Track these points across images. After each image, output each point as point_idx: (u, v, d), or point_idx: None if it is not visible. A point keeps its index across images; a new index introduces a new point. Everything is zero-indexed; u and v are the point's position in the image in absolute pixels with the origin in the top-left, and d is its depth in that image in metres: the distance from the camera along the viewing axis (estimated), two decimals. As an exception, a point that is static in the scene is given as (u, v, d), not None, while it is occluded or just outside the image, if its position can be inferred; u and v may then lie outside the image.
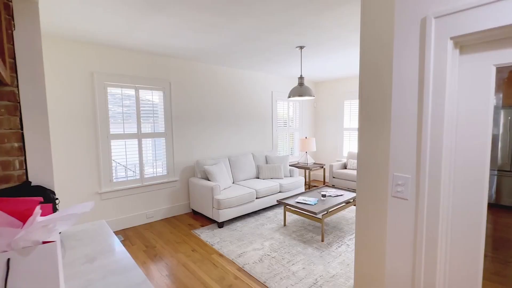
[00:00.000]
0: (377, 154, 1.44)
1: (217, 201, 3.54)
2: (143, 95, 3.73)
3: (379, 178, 1.44)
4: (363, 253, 1.55)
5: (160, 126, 3.93)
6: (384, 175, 1.40)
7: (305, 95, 3.35)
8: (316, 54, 3.82)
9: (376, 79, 1.40)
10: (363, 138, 1.51)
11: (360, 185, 1.54)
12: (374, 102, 1.43)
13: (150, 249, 3.05)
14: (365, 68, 1.46)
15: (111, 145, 3.49)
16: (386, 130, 1.38)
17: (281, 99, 5.69)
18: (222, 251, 2.98)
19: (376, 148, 1.45)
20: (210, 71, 4.43)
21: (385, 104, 1.37)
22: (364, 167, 1.50)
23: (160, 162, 3.99)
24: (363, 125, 1.49)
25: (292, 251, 2.96)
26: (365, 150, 1.50)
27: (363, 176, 1.51)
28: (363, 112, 1.49)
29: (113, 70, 3.45)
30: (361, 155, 1.52)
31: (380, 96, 1.39)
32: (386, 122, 1.38)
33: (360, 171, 1.54)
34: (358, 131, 1.57)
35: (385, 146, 1.40)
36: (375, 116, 1.44)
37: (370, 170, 1.48)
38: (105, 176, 3.44)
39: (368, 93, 1.45)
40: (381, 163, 1.42)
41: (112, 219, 3.53)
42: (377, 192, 1.46)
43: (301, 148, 5.43)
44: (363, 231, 1.54)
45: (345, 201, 3.51)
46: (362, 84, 1.47)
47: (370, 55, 1.42)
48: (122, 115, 3.55)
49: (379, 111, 1.41)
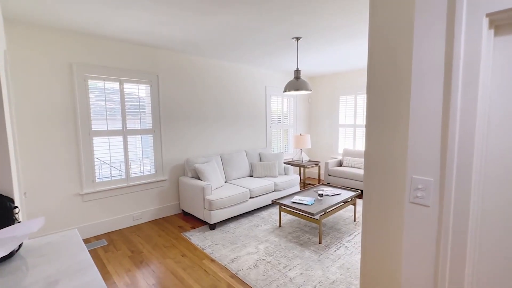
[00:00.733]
0: (389, 154, 1.27)
1: (208, 201, 3.33)
2: (128, 89, 3.48)
3: (391, 180, 1.27)
4: (370, 263, 1.38)
5: (147, 122, 3.68)
6: (398, 177, 1.24)
7: (302, 89, 3.17)
8: (313, 46, 3.63)
9: (389, 68, 1.23)
10: (372, 136, 1.33)
11: (368, 188, 1.37)
12: (386, 95, 1.25)
13: (136, 255, 2.83)
14: (375, 56, 1.27)
15: (94, 142, 3.23)
16: (402, 126, 1.21)
17: (275, 94, 5.49)
18: (214, 255, 2.79)
19: (387, 147, 1.28)
20: (201, 64, 4.19)
21: (401, 97, 1.20)
22: (373, 168, 1.33)
23: (148, 160, 3.75)
24: (372, 121, 1.32)
25: (289, 254, 2.79)
26: (374, 149, 1.32)
27: (372, 178, 1.34)
28: (372, 106, 1.31)
29: (94, 61, 3.18)
30: (369, 155, 1.34)
31: (394, 87, 1.22)
32: (401, 117, 1.21)
33: (368, 172, 1.36)
34: (366, 128, 1.39)
35: (399, 144, 1.22)
36: (387, 111, 1.26)
37: (381, 172, 1.31)
38: (87, 176, 3.19)
39: (379, 85, 1.27)
40: (394, 163, 1.25)
41: (95, 222, 3.29)
42: (388, 196, 1.29)
43: (296, 145, 5.26)
44: (371, 238, 1.37)
45: (343, 200, 3.36)
46: (371, 75, 1.29)
47: (381, 39, 1.24)
48: (105, 110, 3.29)
49: (393, 104, 1.23)
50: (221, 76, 4.49)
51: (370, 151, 1.35)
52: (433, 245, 1.06)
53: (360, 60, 4.47)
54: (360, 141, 5.54)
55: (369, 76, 1.32)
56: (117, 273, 2.49)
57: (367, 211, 1.39)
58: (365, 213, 1.42)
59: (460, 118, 0.96)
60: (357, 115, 5.53)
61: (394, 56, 1.21)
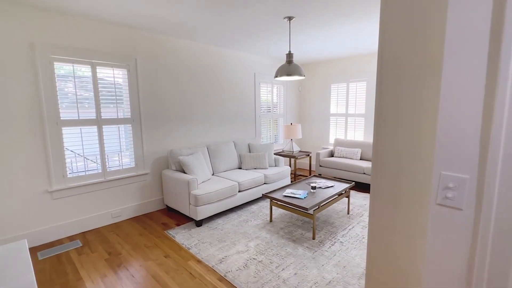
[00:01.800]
0: (404, 147, 1.06)
1: (194, 197, 3.08)
2: (102, 74, 3.12)
3: (406, 177, 1.07)
4: (378, 270, 1.19)
5: (125, 110, 3.34)
6: (415, 174, 1.03)
7: (295, 74, 2.92)
8: (307, 28, 3.36)
9: (409, 39, 1.00)
10: (382, 127, 1.11)
11: (377, 186, 1.16)
12: (405, 72, 1.03)
13: (113, 257, 2.56)
14: (390, 23, 1.04)
15: (63, 133, 2.88)
16: (423, 115, 0.99)
17: (264, 81, 5.22)
18: (200, 255, 2.56)
19: (403, 139, 1.07)
20: (184, 47, 3.84)
21: (422, 80, 0.98)
22: (383, 163, 1.12)
23: (128, 152, 3.44)
24: (384, 110, 1.10)
25: (281, 252, 2.61)
26: (385, 142, 1.11)
27: (381, 174, 1.13)
28: (384, 93, 1.09)
29: (61, 41, 2.80)
30: (378, 149, 1.13)
31: (416, 63, 0.99)
32: (422, 103, 0.99)
33: (377, 168, 1.15)
34: (375, 119, 1.18)
35: (418, 135, 1.01)
36: (404, 97, 1.04)
37: (393, 167, 1.10)
38: (56, 171, 2.85)
39: (394, 68, 1.05)
40: (409, 158, 1.04)
41: (68, 222, 2.98)
42: (401, 195, 1.09)
43: (286, 135, 5.05)
44: (379, 239, 1.18)
45: (337, 193, 3.19)
46: (384, 47, 1.06)
47: (400, 8, 1.01)
48: (76, 97, 2.94)
49: (412, 89, 1.01)
50: (207, 61, 4.16)
51: (379, 144, 1.13)
52: (465, 258, 0.86)
53: (357, 45, 4.24)
54: (352, 131, 5.39)
55: (380, 52, 1.08)
56: (91, 279, 2.23)
57: (375, 210, 1.20)
58: (372, 213, 1.23)
59: (510, 97, 0.75)
60: (349, 104, 5.36)
61: (416, 24, 0.98)
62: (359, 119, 5.24)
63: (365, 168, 4.40)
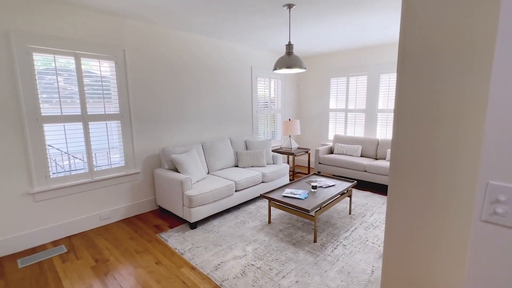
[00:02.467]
0: (436, 145, 0.89)
1: (188, 197, 2.90)
2: (87, 66, 2.89)
3: (432, 181, 0.89)
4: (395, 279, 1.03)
5: (113, 106, 3.12)
6: (453, 179, 0.86)
7: (295, 67, 2.72)
8: (307, 17, 3.16)
9: (443, 23, 0.81)
10: (404, 124, 0.94)
11: (397, 189, 0.99)
12: (437, 63, 0.85)
13: (100, 264, 2.37)
14: (416, 4, 0.86)
15: (45, 130, 2.66)
16: (466, 106, 0.81)
17: (261, 75, 5.01)
18: (194, 262, 2.39)
19: (434, 136, 0.89)
20: (177, 39, 3.61)
21: (464, 65, 0.80)
22: (406, 163, 0.95)
23: (117, 151, 3.22)
24: (410, 100, 0.92)
25: (281, 257, 2.45)
26: (410, 138, 0.94)
27: (402, 177, 0.96)
28: (409, 80, 0.91)
29: (40, 29, 2.56)
30: (398, 149, 0.96)
31: (453, 52, 0.81)
32: (464, 94, 0.81)
33: (397, 168, 0.98)
34: (395, 110, 1.00)
35: (457, 132, 0.83)
36: (437, 87, 0.86)
37: (420, 168, 0.93)
38: (38, 172, 2.64)
39: (422, 49, 0.86)
40: (443, 159, 0.87)
41: (52, 226, 2.77)
42: (432, 200, 0.91)
43: (284, 132, 4.87)
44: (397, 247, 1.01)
45: (339, 193, 3.03)
46: (408, 34, 0.88)
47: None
48: (58, 91, 2.71)
49: (449, 77, 0.83)
50: (201, 54, 3.94)
51: (401, 144, 0.96)
52: (519, 287, 0.70)
53: (359, 37, 4.05)
54: (352, 127, 5.23)
55: (403, 46, 0.90)
56: (74, 291, 2.04)
57: (393, 215, 1.03)
58: (390, 217, 1.06)
59: None
60: (349, 99, 5.18)
61: (454, 9, 0.79)
62: (359, 114, 5.08)
63: (366, 166, 4.25)
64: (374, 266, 2.29)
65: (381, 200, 3.84)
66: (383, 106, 4.76)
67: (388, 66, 4.57)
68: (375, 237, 2.78)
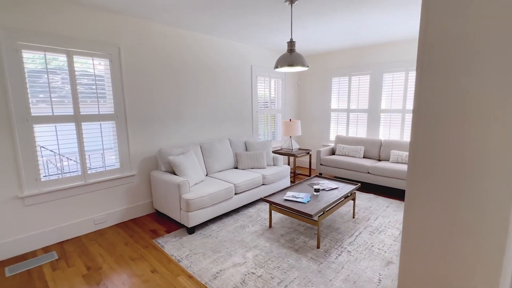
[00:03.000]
0: (464, 147, 0.77)
1: (185, 201, 2.78)
2: (80, 64, 2.77)
3: (466, 185, 0.78)
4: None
5: (107, 106, 3.00)
6: (482, 183, 0.74)
7: (297, 65, 2.61)
8: (309, 13, 3.04)
9: (475, 13, 0.70)
10: (423, 126, 0.83)
11: (415, 192, 0.88)
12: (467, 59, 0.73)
13: (93, 273, 2.25)
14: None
15: (35, 131, 2.54)
16: (494, 102, 0.70)
17: (261, 74, 4.89)
18: (192, 269, 2.27)
19: (462, 137, 0.78)
20: (175, 36, 3.49)
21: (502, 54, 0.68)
22: (428, 165, 0.84)
23: (112, 152, 3.10)
24: (429, 108, 0.81)
25: (283, 264, 2.33)
26: (433, 139, 0.83)
27: (422, 178, 0.85)
28: (434, 76, 0.80)
29: (30, 25, 2.43)
30: (417, 150, 0.85)
31: (487, 38, 0.69)
32: (502, 93, 0.70)
33: (416, 170, 0.87)
34: (415, 108, 0.89)
35: (489, 134, 0.72)
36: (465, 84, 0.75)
37: (444, 171, 0.81)
38: (27, 174, 2.52)
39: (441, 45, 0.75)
40: (474, 162, 0.76)
41: (43, 231, 2.65)
42: (458, 205, 0.80)
43: (285, 132, 4.76)
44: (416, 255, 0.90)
45: (343, 196, 2.92)
46: (430, 27, 0.77)
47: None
48: (49, 90, 2.59)
49: (480, 69, 0.72)
50: (199, 52, 3.82)
51: (420, 146, 0.85)
52: None
53: (362, 35, 3.94)
54: (354, 127, 5.11)
55: (424, 42, 0.79)
56: (63, 302, 1.92)
57: (410, 220, 0.91)
58: (407, 222, 0.94)
59: None
60: (351, 98, 5.07)
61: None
62: (361, 114, 4.96)
63: (369, 167, 4.13)
64: (381, 274, 2.18)
65: (385, 202, 3.72)
66: (386, 106, 4.65)
67: (392, 65, 4.45)
68: (381, 243, 2.66)
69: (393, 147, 4.32)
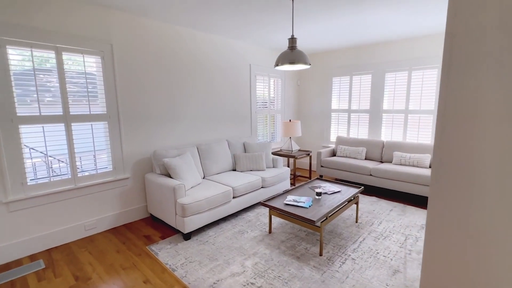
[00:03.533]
0: (501, 149, 0.65)
1: (181, 206, 2.64)
2: (70, 61, 2.62)
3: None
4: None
5: (99, 105, 2.86)
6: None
7: (299, 63, 2.48)
8: (310, 9, 2.92)
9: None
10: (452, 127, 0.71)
11: (440, 197, 0.75)
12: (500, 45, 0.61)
13: (81, 283, 2.11)
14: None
15: (20, 132, 2.39)
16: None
17: (261, 73, 4.76)
18: (187, 280, 2.13)
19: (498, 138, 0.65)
20: (170, 33, 3.36)
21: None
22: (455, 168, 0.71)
23: (104, 154, 2.96)
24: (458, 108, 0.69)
25: (284, 274, 2.19)
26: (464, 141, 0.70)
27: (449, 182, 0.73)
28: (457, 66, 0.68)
29: (16, 19, 2.29)
30: (450, 148, 0.72)
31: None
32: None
33: (441, 173, 0.75)
34: (440, 106, 0.77)
35: None
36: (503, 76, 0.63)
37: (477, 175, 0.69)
38: (12, 178, 2.37)
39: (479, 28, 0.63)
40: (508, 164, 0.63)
41: (29, 238, 2.50)
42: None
43: (285, 133, 4.63)
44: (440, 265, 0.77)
45: (347, 199, 2.79)
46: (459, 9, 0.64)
47: None
48: (36, 89, 2.44)
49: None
50: (196, 50, 3.68)
51: (447, 150, 0.72)
52: None
53: (365, 32, 3.82)
54: (355, 128, 4.99)
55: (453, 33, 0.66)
56: (47, 317, 1.77)
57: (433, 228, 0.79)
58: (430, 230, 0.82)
59: None
60: (352, 98, 4.95)
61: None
62: (363, 115, 4.85)
63: (371, 169, 4.01)
64: (388, 285, 2.05)
65: (388, 206, 3.60)
66: (388, 106, 4.53)
67: (394, 65, 4.34)
68: (386, 249, 2.54)
69: (395, 149, 4.20)
